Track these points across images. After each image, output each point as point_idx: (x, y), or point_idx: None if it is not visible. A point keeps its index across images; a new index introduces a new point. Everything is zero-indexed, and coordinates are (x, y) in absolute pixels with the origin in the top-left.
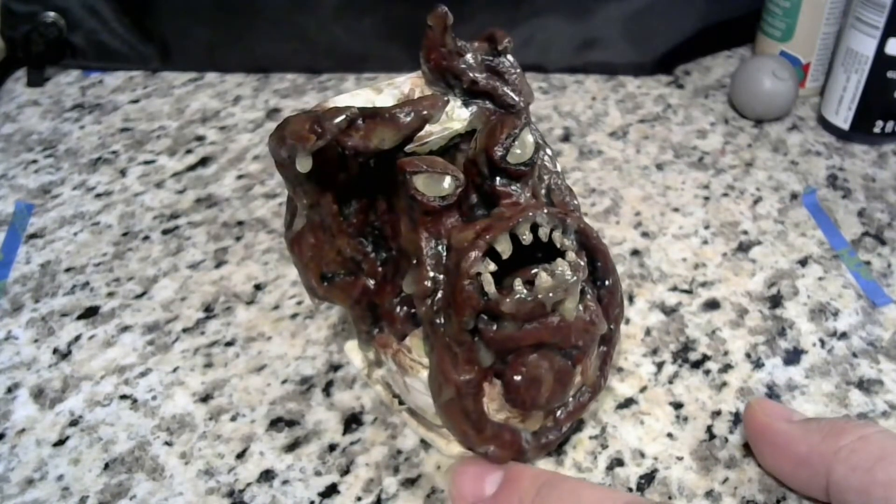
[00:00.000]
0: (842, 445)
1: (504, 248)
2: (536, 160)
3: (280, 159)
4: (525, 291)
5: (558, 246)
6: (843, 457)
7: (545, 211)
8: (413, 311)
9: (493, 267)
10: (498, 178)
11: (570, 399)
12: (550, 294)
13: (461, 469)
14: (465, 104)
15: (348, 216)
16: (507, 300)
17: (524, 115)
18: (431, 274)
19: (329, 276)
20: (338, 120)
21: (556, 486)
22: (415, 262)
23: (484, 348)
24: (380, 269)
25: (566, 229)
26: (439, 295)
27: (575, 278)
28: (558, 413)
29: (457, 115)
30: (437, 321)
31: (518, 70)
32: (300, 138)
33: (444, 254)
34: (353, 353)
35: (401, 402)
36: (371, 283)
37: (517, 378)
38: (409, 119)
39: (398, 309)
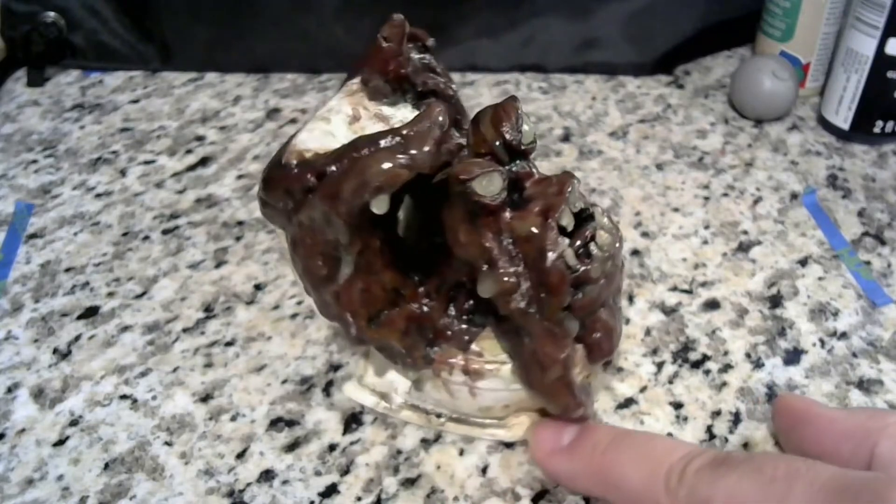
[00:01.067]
0: (889, 422)
1: (568, 222)
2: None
3: (347, 208)
4: (601, 252)
5: (585, 207)
6: (892, 432)
7: (576, 180)
8: (471, 317)
9: (567, 241)
10: (518, 161)
11: None
12: (609, 250)
13: (541, 425)
14: (416, 107)
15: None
16: (594, 265)
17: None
18: (511, 269)
19: (375, 317)
20: (427, 148)
21: (629, 436)
22: (485, 266)
23: (571, 319)
24: (420, 290)
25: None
26: (524, 287)
27: (617, 230)
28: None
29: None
30: (531, 310)
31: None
32: (392, 177)
33: (512, 247)
34: (360, 394)
35: (438, 416)
36: (415, 307)
37: (597, 335)
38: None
39: (455, 322)
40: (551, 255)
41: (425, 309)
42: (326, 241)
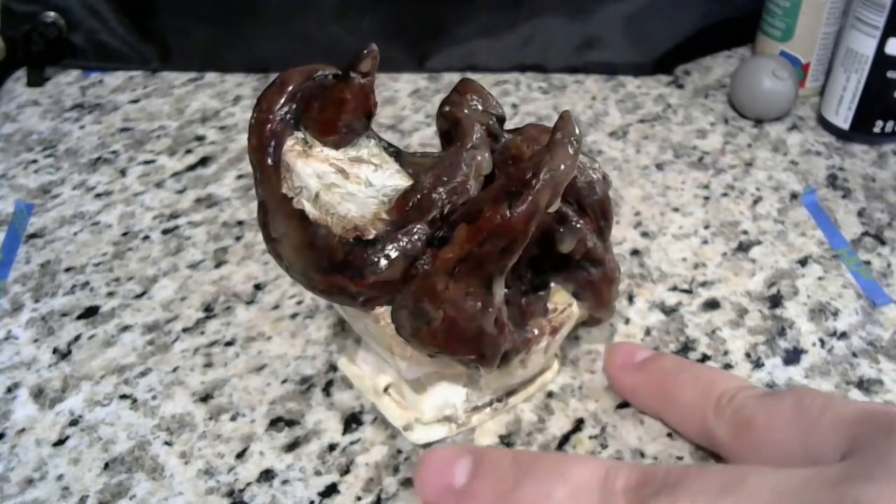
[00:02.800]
0: (714, 398)
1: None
2: None
3: (540, 219)
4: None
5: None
6: (723, 414)
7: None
8: (535, 285)
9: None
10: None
11: None
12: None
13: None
14: (374, 139)
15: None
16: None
17: None
18: (577, 217)
19: (520, 325)
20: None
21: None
22: (559, 227)
23: None
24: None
25: None
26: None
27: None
28: None
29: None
30: (598, 242)
31: None
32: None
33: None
34: (430, 432)
35: (499, 401)
36: (504, 312)
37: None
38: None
39: (531, 297)
40: (599, 189)
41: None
42: (482, 274)
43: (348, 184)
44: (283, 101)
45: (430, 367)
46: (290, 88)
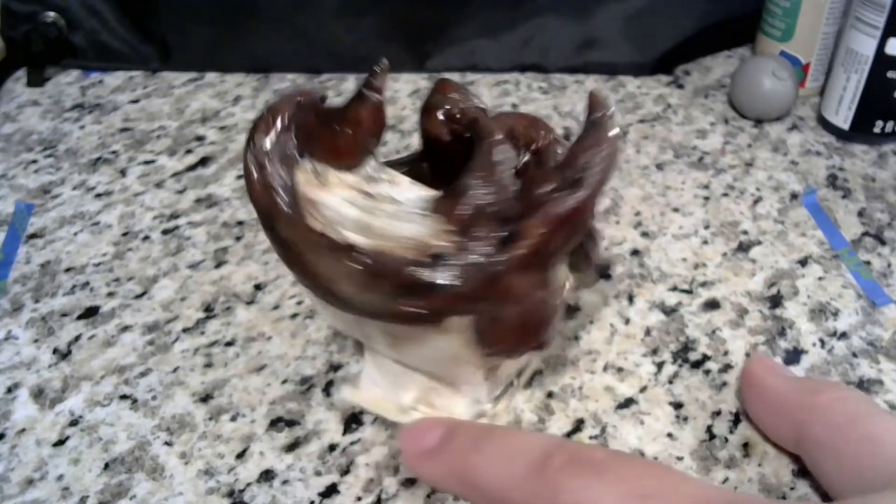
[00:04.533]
0: (818, 402)
1: None
2: None
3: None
4: None
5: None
6: (818, 414)
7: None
8: None
9: None
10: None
11: None
12: None
13: (407, 428)
14: (376, 159)
15: None
16: None
17: None
18: None
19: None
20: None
21: (490, 434)
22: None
23: None
24: None
25: None
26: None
27: None
28: None
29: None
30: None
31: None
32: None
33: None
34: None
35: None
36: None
37: None
38: None
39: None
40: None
41: None
42: (548, 263)
43: (381, 204)
44: (276, 134)
45: (484, 366)
46: (283, 120)
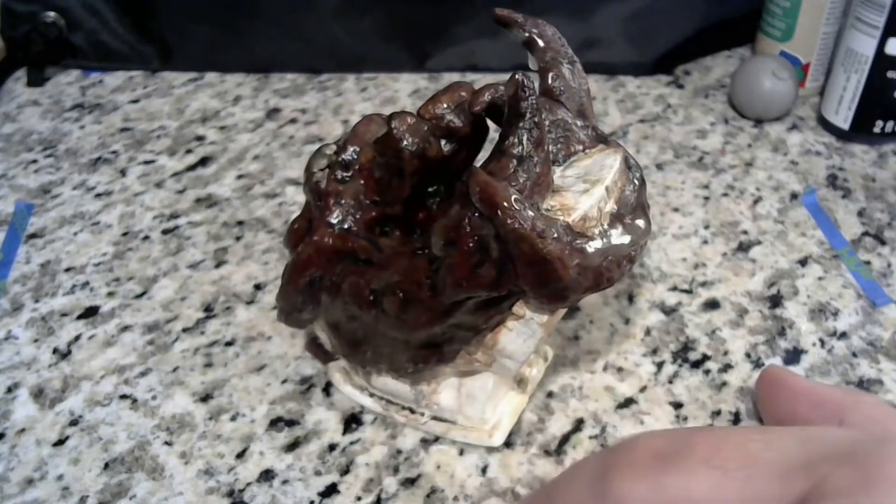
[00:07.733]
0: (862, 399)
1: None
2: None
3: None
4: None
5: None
6: (864, 408)
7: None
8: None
9: None
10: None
11: None
12: None
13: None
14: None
15: None
16: None
17: None
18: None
19: None
20: None
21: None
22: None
23: None
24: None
25: None
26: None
27: None
28: None
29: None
30: None
31: None
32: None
33: None
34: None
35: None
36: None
37: None
38: None
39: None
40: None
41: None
42: None
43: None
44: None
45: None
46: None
